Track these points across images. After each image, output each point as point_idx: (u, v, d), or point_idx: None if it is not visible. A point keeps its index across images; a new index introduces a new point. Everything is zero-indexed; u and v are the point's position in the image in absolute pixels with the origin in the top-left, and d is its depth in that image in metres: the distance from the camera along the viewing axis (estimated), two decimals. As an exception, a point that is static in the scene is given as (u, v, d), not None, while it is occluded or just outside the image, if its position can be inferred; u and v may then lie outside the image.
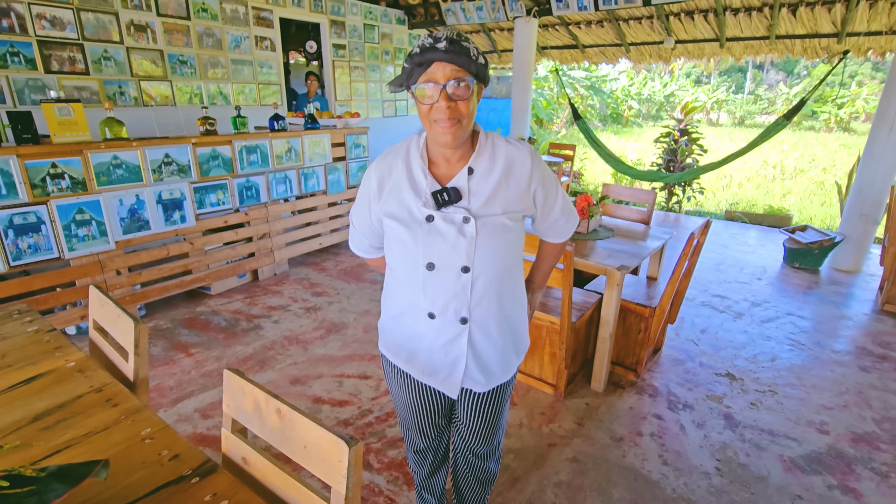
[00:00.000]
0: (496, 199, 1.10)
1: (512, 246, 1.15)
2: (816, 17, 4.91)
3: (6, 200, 2.49)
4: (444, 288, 1.12)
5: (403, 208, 1.11)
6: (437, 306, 1.14)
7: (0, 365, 1.33)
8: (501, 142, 1.14)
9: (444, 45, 0.95)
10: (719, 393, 2.53)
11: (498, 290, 1.16)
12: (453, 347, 1.18)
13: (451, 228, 1.08)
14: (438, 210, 1.08)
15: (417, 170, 1.12)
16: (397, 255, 1.17)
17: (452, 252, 1.09)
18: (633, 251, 2.48)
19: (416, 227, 1.10)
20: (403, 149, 1.16)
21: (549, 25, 6.53)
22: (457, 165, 1.12)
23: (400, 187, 1.12)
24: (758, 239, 5.33)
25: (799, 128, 17.78)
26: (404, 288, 1.19)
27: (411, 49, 1.01)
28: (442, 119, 1.00)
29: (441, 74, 0.97)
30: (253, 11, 4.93)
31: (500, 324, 1.20)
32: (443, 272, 1.11)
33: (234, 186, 3.55)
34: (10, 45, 3.42)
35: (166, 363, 2.73)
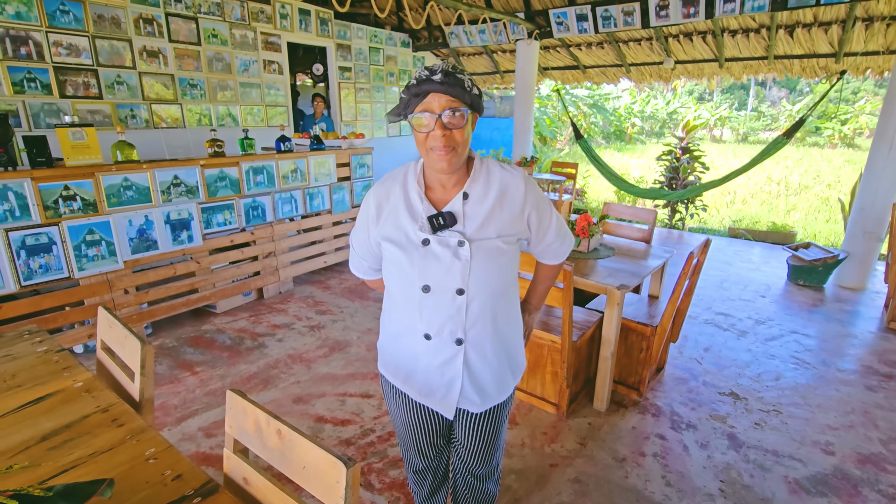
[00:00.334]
0: (490, 223, 1.13)
1: (506, 268, 1.17)
2: (813, 38, 4.99)
3: (20, 222, 2.56)
4: (440, 310, 1.14)
5: (400, 232, 1.15)
6: (433, 328, 1.16)
7: (10, 385, 1.36)
8: (496, 167, 1.18)
9: (439, 76, 1.00)
10: (723, 412, 2.52)
11: (492, 312, 1.18)
12: (449, 368, 1.20)
13: (447, 252, 1.11)
14: (434, 234, 1.12)
15: (414, 195, 1.16)
16: (394, 278, 1.20)
17: (447, 275, 1.12)
18: (634, 270, 2.50)
19: (413, 251, 1.13)
20: (401, 174, 1.20)
21: (551, 47, 6.66)
22: (452, 191, 1.16)
23: (397, 212, 1.16)
24: (762, 256, 5.33)
25: (803, 144, 17.83)
26: (401, 309, 1.21)
27: (408, 81, 1.06)
28: (437, 147, 1.04)
29: (437, 104, 1.02)
30: (262, 36, 5.08)
31: (496, 344, 1.22)
32: (438, 294, 1.13)
33: (240, 206, 3.62)
34: (28, 71, 3.55)
35: (171, 382, 2.76)
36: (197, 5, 4.46)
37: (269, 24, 5.12)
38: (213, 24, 4.61)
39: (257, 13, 4.99)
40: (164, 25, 4.25)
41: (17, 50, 3.49)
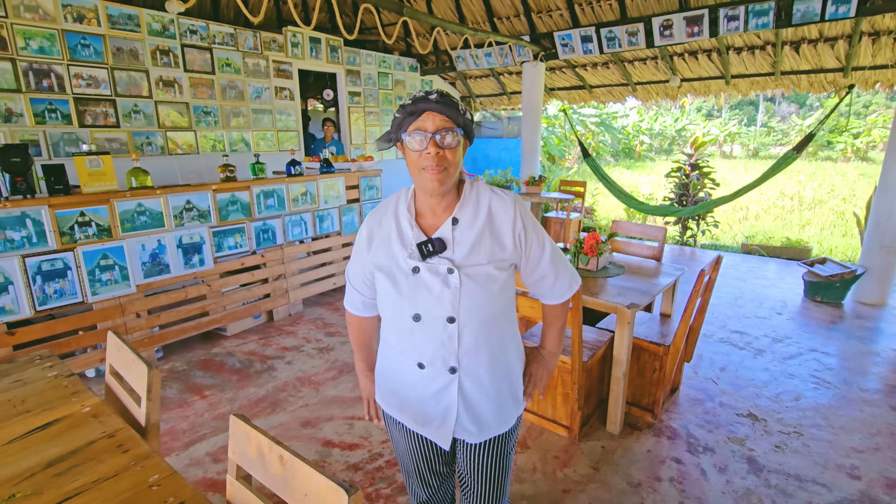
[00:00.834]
0: (480, 248, 1.12)
1: (498, 295, 1.14)
2: (820, 54, 4.98)
3: (36, 248, 2.62)
4: (431, 338, 1.13)
5: (391, 260, 1.15)
6: (426, 356, 1.15)
7: (19, 410, 1.37)
8: (486, 191, 1.17)
9: (435, 97, 1.03)
10: (741, 435, 2.44)
11: (486, 340, 1.16)
12: (444, 397, 1.18)
13: (436, 279, 1.10)
14: (423, 261, 1.11)
15: (405, 221, 1.16)
16: (386, 307, 1.19)
17: (437, 303, 1.11)
18: (644, 288, 2.47)
19: (403, 279, 1.13)
20: (393, 202, 1.21)
21: (556, 68, 6.74)
22: (442, 216, 1.15)
23: (389, 240, 1.16)
24: (776, 272, 5.23)
25: (815, 158, 17.66)
26: (395, 338, 1.21)
27: (402, 102, 1.08)
28: (430, 166, 1.04)
29: (431, 123, 1.03)
30: (273, 64, 5.22)
31: (493, 373, 1.19)
32: (429, 323, 1.12)
33: (251, 230, 3.67)
34: (49, 102, 3.68)
35: (180, 406, 2.76)
36: (211, 36, 4.61)
37: (280, 52, 5.27)
38: (226, 54, 4.76)
39: (269, 42, 5.14)
40: (179, 56, 4.39)
41: (40, 82, 3.63)
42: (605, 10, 5.32)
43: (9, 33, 3.44)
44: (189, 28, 4.44)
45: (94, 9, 3.82)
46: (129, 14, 4.03)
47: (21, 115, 3.56)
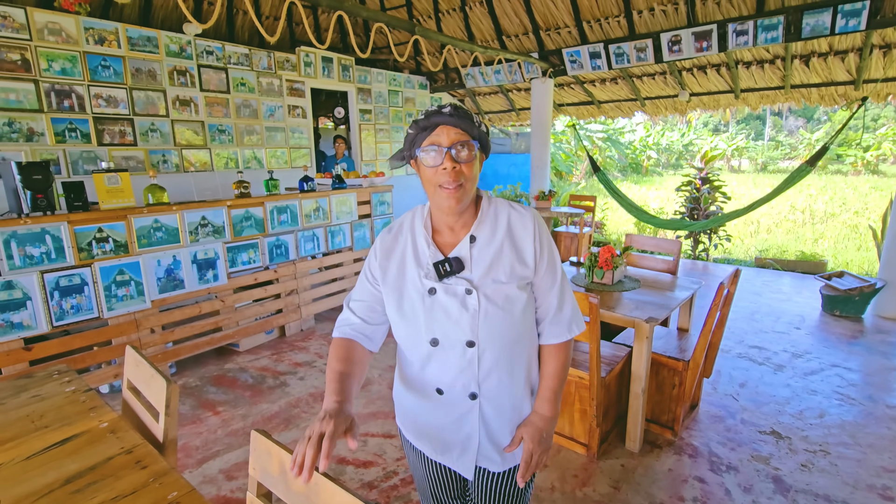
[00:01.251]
0: (499, 265, 1.06)
1: (520, 316, 1.08)
2: (830, 67, 4.98)
3: (55, 264, 2.65)
4: (450, 363, 1.08)
5: (406, 281, 1.10)
6: (445, 382, 1.10)
7: (38, 426, 1.37)
8: (504, 206, 1.12)
9: (448, 109, 0.99)
10: (765, 453, 2.37)
11: (508, 364, 1.10)
12: (464, 424, 1.13)
13: (454, 301, 1.05)
14: (440, 281, 1.06)
15: (421, 239, 1.10)
16: (402, 331, 1.13)
17: (456, 327, 1.05)
18: (662, 302, 2.43)
19: (419, 301, 1.07)
20: (408, 219, 1.16)
21: (565, 84, 6.80)
22: (460, 233, 1.10)
23: (404, 259, 1.11)
24: (792, 286, 5.15)
25: (825, 172, 17.53)
26: (411, 362, 1.15)
27: (414, 118, 1.04)
28: (446, 182, 1.00)
29: (446, 138, 0.99)
30: (287, 83, 5.32)
31: (515, 398, 1.13)
32: (447, 348, 1.07)
33: (264, 245, 3.69)
34: (70, 122, 3.76)
35: (193, 422, 2.74)
36: (227, 57, 4.72)
37: (293, 71, 5.36)
38: (241, 74, 4.86)
39: (283, 62, 5.25)
40: (196, 76, 4.49)
41: (61, 103, 3.71)
42: (614, 26, 5.37)
43: (32, 56, 3.54)
44: (205, 49, 4.54)
45: (114, 31, 3.93)
46: (148, 36, 4.13)
47: (42, 134, 3.64)
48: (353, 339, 1.17)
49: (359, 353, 1.15)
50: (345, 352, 1.14)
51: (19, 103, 3.52)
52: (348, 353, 1.13)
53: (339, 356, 1.13)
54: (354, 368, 1.11)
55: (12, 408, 1.46)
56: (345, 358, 1.12)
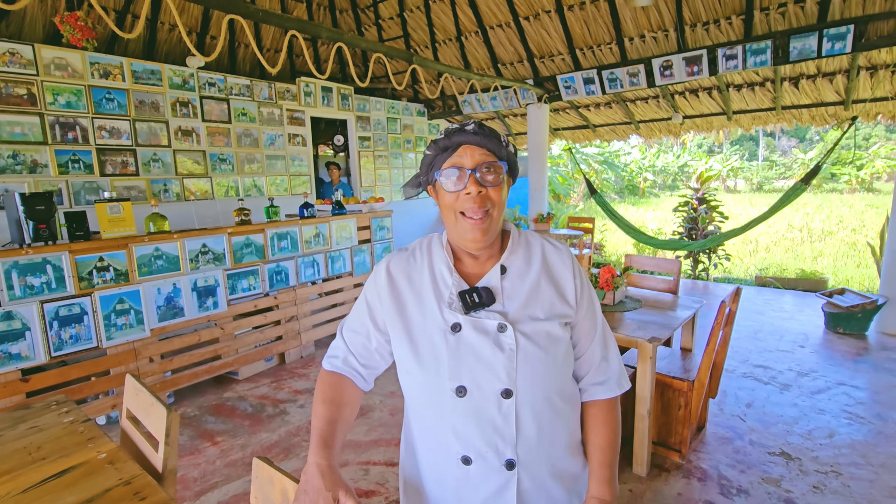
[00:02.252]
0: (537, 300, 0.91)
1: (563, 360, 0.92)
2: (819, 88, 5.10)
3: (55, 293, 2.64)
4: (481, 420, 0.87)
5: (421, 314, 0.92)
6: (473, 447, 0.88)
7: (35, 458, 1.34)
8: (537, 238, 0.99)
9: (472, 127, 0.87)
10: (776, 475, 2.32)
11: (551, 422, 0.91)
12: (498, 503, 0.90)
13: (485, 340, 0.87)
14: (467, 314, 0.88)
15: (441, 265, 0.94)
16: (415, 379, 0.93)
17: (488, 371, 0.87)
18: (664, 322, 2.43)
19: (440, 340, 0.89)
20: (424, 243, 1.01)
21: (560, 109, 6.93)
22: (487, 263, 0.94)
23: (420, 287, 0.94)
24: (794, 304, 5.13)
25: (820, 190, 17.72)
26: (427, 422, 0.94)
27: (433, 138, 0.91)
28: (471, 209, 0.86)
29: (469, 159, 0.86)
30: (287, 112, 5.42)
31: (558, 469, 0.93)
32: (477, 399, 0.87)
33: (265, 271, 3.69)
34: (73, 153, 3.82)
35: (192, 453, 2.69)
36: (229, 88, 4.83)
37: (294, 101, 5.48)
38: (242, 104, 4.96)
39: (283, 92, 5.36)
40: (198, 107, 4.58)
41: (66, 135, 3.78)
42: (606, 53, 5.52)
43: (38, 90, 3.62)
44: (208, 80, 4.65)
45: (119, 65, 4.03)
46: (152, 69, 4.24)
47: (46, 165, 3.69)
48: (346, 375, 1.03)
49: (350, 394, 1.00)
50: (334, 391, 0.99)
51: (24, 136, 3.58)
52: (338, 394, 0.99)
53: (327, 396, 0.98)
54: (344, 412, 0.97)
55: (9, 440, 1.43)
56: (333, 399, 0.97)
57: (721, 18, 4.70)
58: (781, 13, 4.43)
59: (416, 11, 6.23)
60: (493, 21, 5.86)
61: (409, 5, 6.21)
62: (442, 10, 6.08)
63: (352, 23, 6.75)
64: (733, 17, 4.63)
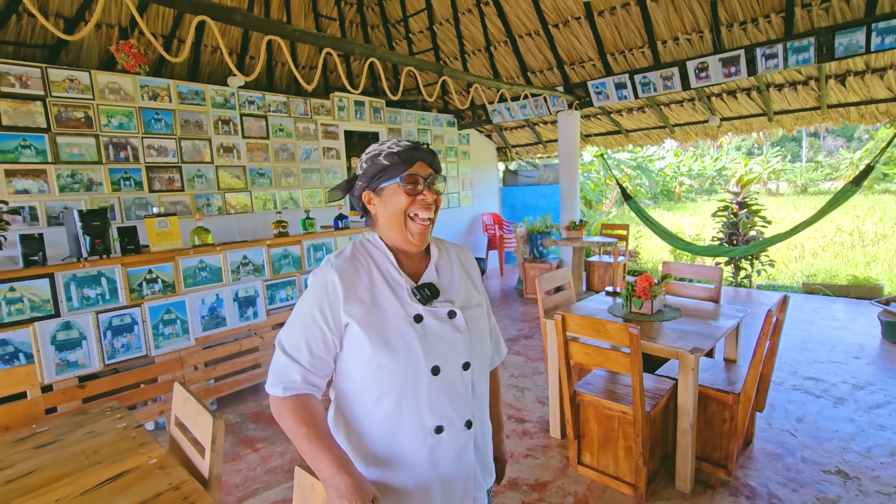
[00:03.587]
0: (465, 290, 1.14)
1: (489, 335, 1.19)
2: (868, 85, 4.85)
3: (108, 304, 2.79)
4: (450, 391, 1.04)
5: (385, 311, 1.02)
6: (445, 416, 1.03)
7: (92, 461, 1.42)
8: (445, 243, 1.22)
9: (425, 147, 1.07)
10: (832, 495, 2.19)
11: (485, 383, 1.15)
12: (462, 459, 1.07)
13: (444, 325, 1.05)
14: (425, 306, 1.05)
15: (388, 265, 1.08)
16: (388, 371, 1.00)
17: (452, 349, 1.04)
18: (706, 332, 2.35)
19: (408, 330, 1.01)
20: (359, 248, 1.11)
21: (591, 115, 6.85)
22: (420, 264, 1.13)
23: (376, 288, 1.04)
24: (846, 312, 4.86)
25: (872, 191, 16.74)
26: (398, 407, 1.02)
27: (384, 150, 1.05)
28: (422, 212, 1.04)
29: (423, 171, 1.05)
30: (322, 127, 5.58)
31: (486, 419, 1.17)
32: (447, 374, 1.03)
33: (301, 282, 3.79)
34: (125, 171, 4.05)
35: (233, 459, 2.77)
36: (267, 105, 5.01)
37: (328, 115, 5.63)
38: (279, 120, 5.14)
39: (318, 107, 5.52)
40: (238, 124, 4.78)
41: (118, 154, 4.01)
42: (638, 57, 5.43)
43: (94, 113, 3.87)
44: (247, 99, 4.84)
45: (166, 87, 4.26)
46: (196, 90, 4.45)
47: (100, 183, 3.92)
48: (308, 393, 1.04)
49: (319, 408, 1.03)
50: (307, 411, 1.00)
51: (81, 156, 3.82)
52: (312, 411, 1.00)
53: (303, 418, 0.98)
54: (325, 425, 1.01)
55: (69, 444, 1.52)
56: (312, 418, 0.99)
57: (759, 17, 4.56)
58: (825, 9, 4.26)
59: (445, 24, 6.32)
60: (522, 30, 5.87)
61: (439, 18, 6.30)
62: (471, 22, 6.14)
63: (383, 38, 6.91)
64: (772, 15, 4.48)
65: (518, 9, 5.67)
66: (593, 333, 2.18)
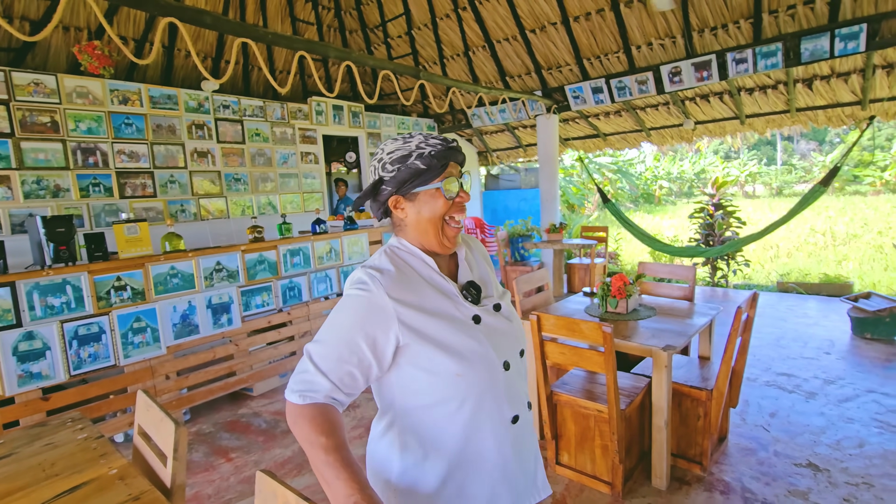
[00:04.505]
0: (493, 282, 1.14)
1: None
2: (834, 89, 5.00)
3: (74, 313, 2.71)
4: (519, 382, 1.08)
5: (445, 320, 0.98)
6: (519, 403, 1.07)
7: (49, 474, 1.36)
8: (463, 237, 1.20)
9: (455, 144, 1.01)
10: (803, 487, 2.22)
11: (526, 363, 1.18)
12: (531, 444, 1.12)
13: (498, 319, 1.06)
14: (476, 306, 1.04)
15: (430, 272, 1.04)
16: (467, 378, 0.97)
17: (512, 340, 1.07)
18: (679, 329, 2.37)
19: (471, 333, 1.00)
20: (394, 259, 1.03)
21: (570, 119, 6.93)
22: (451, 262, 1.12)
23: (427, 298, 1.00)
24: (818, 310, 4.98)
25: (843, 193, 17.26)
26: (478, 409, 0.99)
27: (412, 150, 0.98)
28: (458, 214, 1.03)
29: (457, 172, 1.02)
30: (299, 132, 5.53)
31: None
32: (515, 365, 1.06)
33: (277, 288, 3.73)
34: (94, 177, 3.95)
35: (206, 469, 2.70)
36: (242, 109, 4.95)
37: (305, 120, 5.59)
38: (256, 125, 5.08)
39: (295, 112, 5.48)
40: (213, 129, 4.71)
41: (87, 160, 3.91)
42: (614, 62, 5.52)
43: (61, 118, 3.77)
44: (222, 103, 4.78)
45: (137, 92, 4.17)
46: (168, 94, 4.38)
47: (68, 190, 3.81)
48: (328, 404, 0.96)
49: (340, 420, 0.96)
50: (327, 420, 0.92)
51: (48, 162, 3.71)
52: (332, 422, 0.93)
53: (322, 428, 0.90)
54: (345, 438, 0.93)
55: (25, 456, 1.46)
56: (331, 429, 0.91)
57: (729, 23, 4.67)
58: (791, 15, 4.39)
59: (423, 29, 6.34)
60: (500, 35, 5.92)
61: (417, 23, 6.32)
62: (449, 27, 6.17)
63: (361, 42, 6.90)
64: (741, 20, 4.60)
65: (496, 14, 5.71)
66: (568, 333, 2.19)
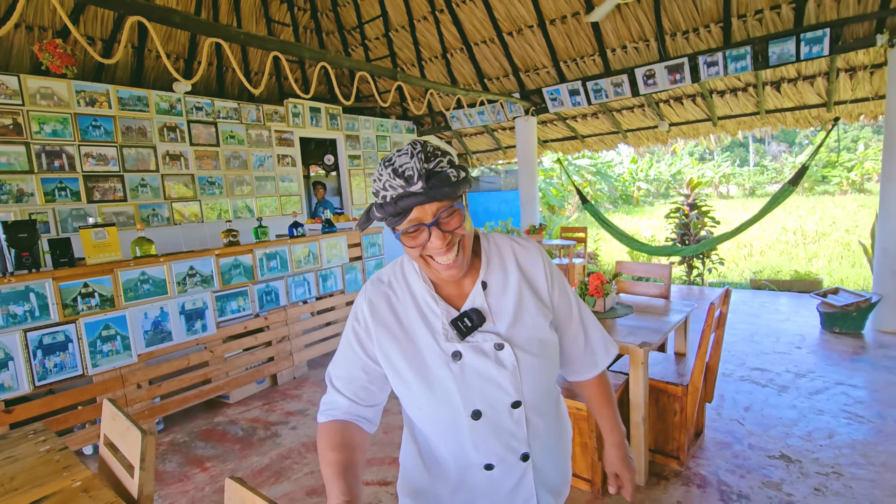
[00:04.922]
0: (523, 312, 0.92)
1: (554, 357, 0.97)
2: (801, 91, 5.17)
3: (38, 321, 2.61)
4: (498, 432, 0.91)
5: (418, 349, 0.91)
6: (495, 455, 0.93)
7: (7, 489, 1.30)
8: (506, 242, 0.98)
9: (419, 185, 0.78)
10: (776, 478, 2.27)
11: (547, 407, 1.00)
12: (521, 490, 0.97)
13: (487, 361, 0.89)
14: (463, 341, 0.89)
15: (424, 295, 0.92)
16: (427, 412, 0.92)
17: (496, 389, 0.89)
18: (655, 327, 2.40)
19: (442, 370, 0.89)
20: (398, 271, 0.97)
21: (548, 121, 7.00)
22: (466, 282, 0.93)
23: (409, 321, 0.92)
24: (790, 306, 5.12)
25: (812, 193, 17.85)
26: (445, 444, 0.95)
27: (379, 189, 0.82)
28: (439, 254, 0.84)
29: (427, 214, 0.82)
30: (276, 134, 5.45)
31: (558, 439, 1.04)
32: (492, 416, 0.90)
33: (254, 292, 3.66)
34: (60, 181, 3.82)
35: (181, 480, 2.62)
36: (216, 111, 4.86)
37: (282, 122, 5.52)
38: (230, 127, 4.99)
39: (272, 114, 5.40)
40: (185, 131, 4.60)
41: (52, 163, 3.78)
42: (590, 64, 5.60)
43: (24, 119, 3.64)
44: (195, 105, 4.68)
45: (105, 93, 4.06)
46: (138, 96, 4.27)
47: (32, 194, 3.68)
48: (348, 420, 0.95)
49: (357, 437, 0.94)
50: (339, 436, 0.91)
51: (10, 165, 3.58)
52: (344, 438, 0.91)
53: (333, 443, 0.90)
54: (355, 455, 0.90)
55: (-19, 471, 1.39)
56: (341, 444, 0.90)
57: (700, 27, 4.79)
58: (758, 20, 4.52)
59: (401, 31, 6.33)
60: (478, 38, 5.95)
61: (395, 25, 6.31)
62: (427, 29, 6.18)
63: (338, 44, 6.85)
64: (712, 25, 4.72)
65: (472, 17, 5.74)
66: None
